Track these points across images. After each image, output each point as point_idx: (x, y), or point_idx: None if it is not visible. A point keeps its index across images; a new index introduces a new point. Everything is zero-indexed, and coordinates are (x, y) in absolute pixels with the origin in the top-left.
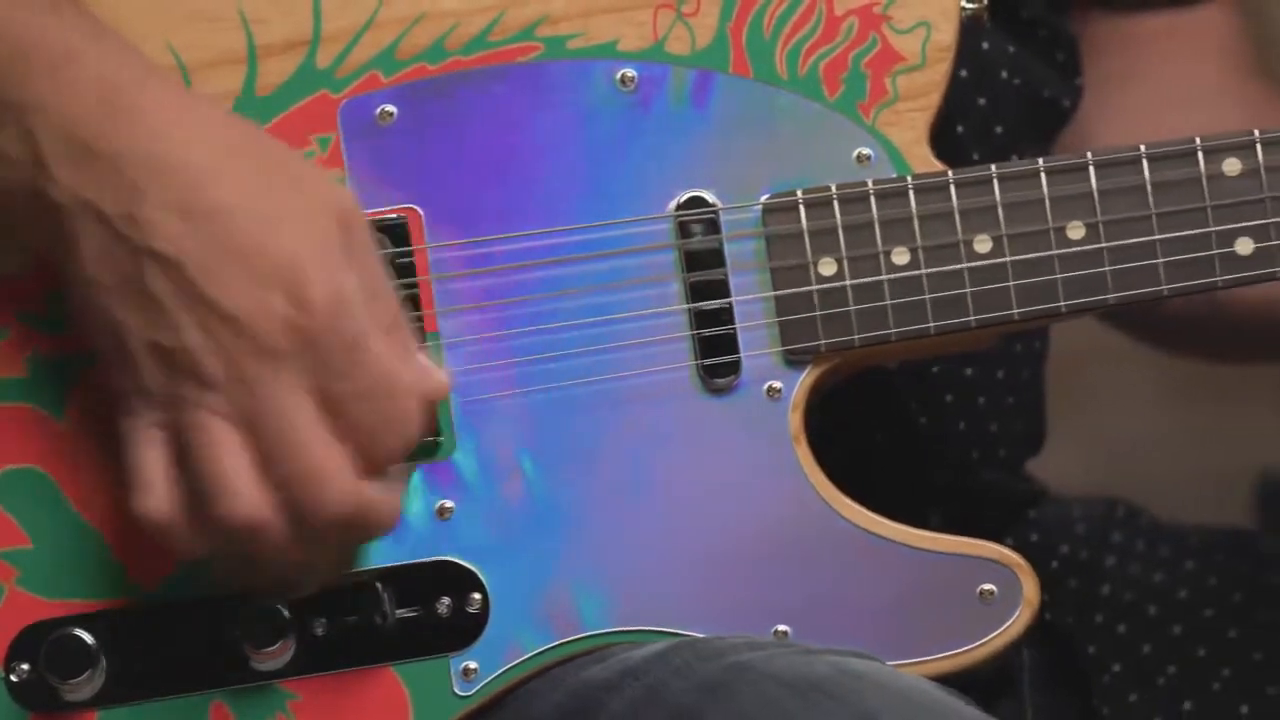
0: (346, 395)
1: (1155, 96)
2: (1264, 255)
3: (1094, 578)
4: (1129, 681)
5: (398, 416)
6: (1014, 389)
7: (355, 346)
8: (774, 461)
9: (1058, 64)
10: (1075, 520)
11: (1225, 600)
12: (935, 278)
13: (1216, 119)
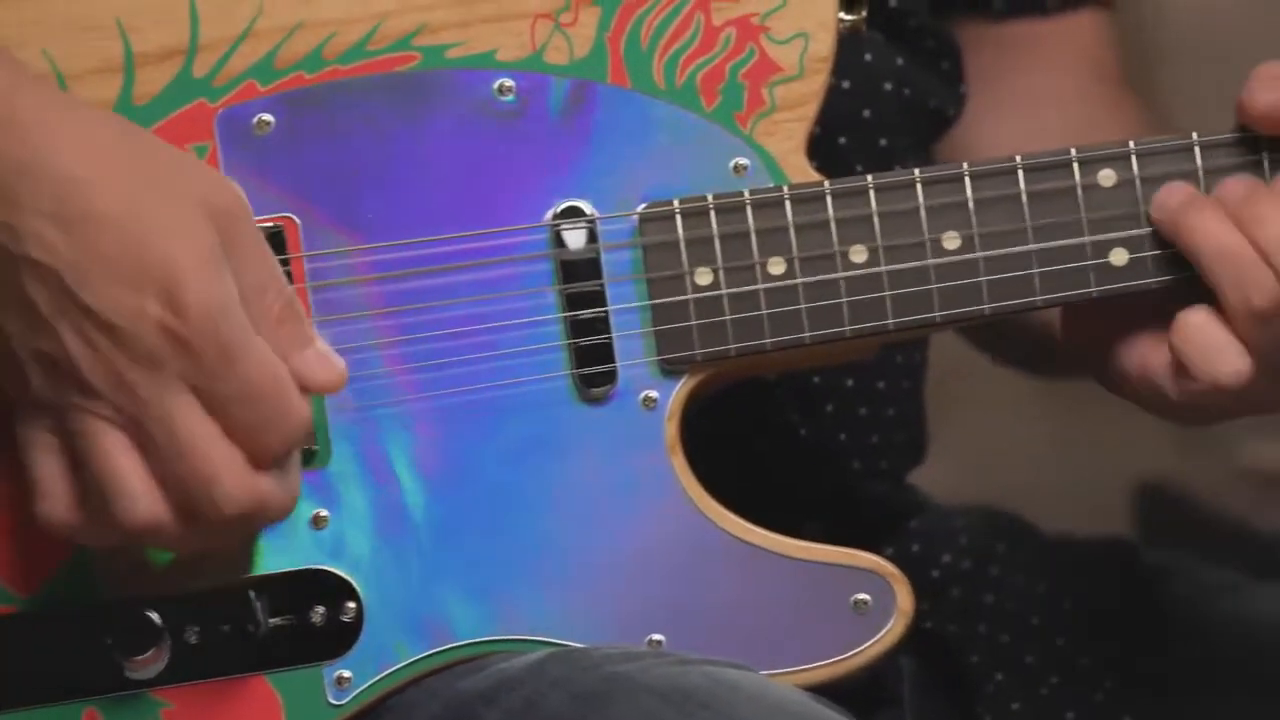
0: (228, 396)
1: (1032, 102)
2: (1138, 266)
3: (977, 587)
4: (1012, 691)
5: (282, 412)
6: (895, 400)
7: (233, 347)
8: (649, 471)
9: (943, 72)
10: (958, 531)
11: (1108, 612)
12: (811, 287)
13: (1081, 126)
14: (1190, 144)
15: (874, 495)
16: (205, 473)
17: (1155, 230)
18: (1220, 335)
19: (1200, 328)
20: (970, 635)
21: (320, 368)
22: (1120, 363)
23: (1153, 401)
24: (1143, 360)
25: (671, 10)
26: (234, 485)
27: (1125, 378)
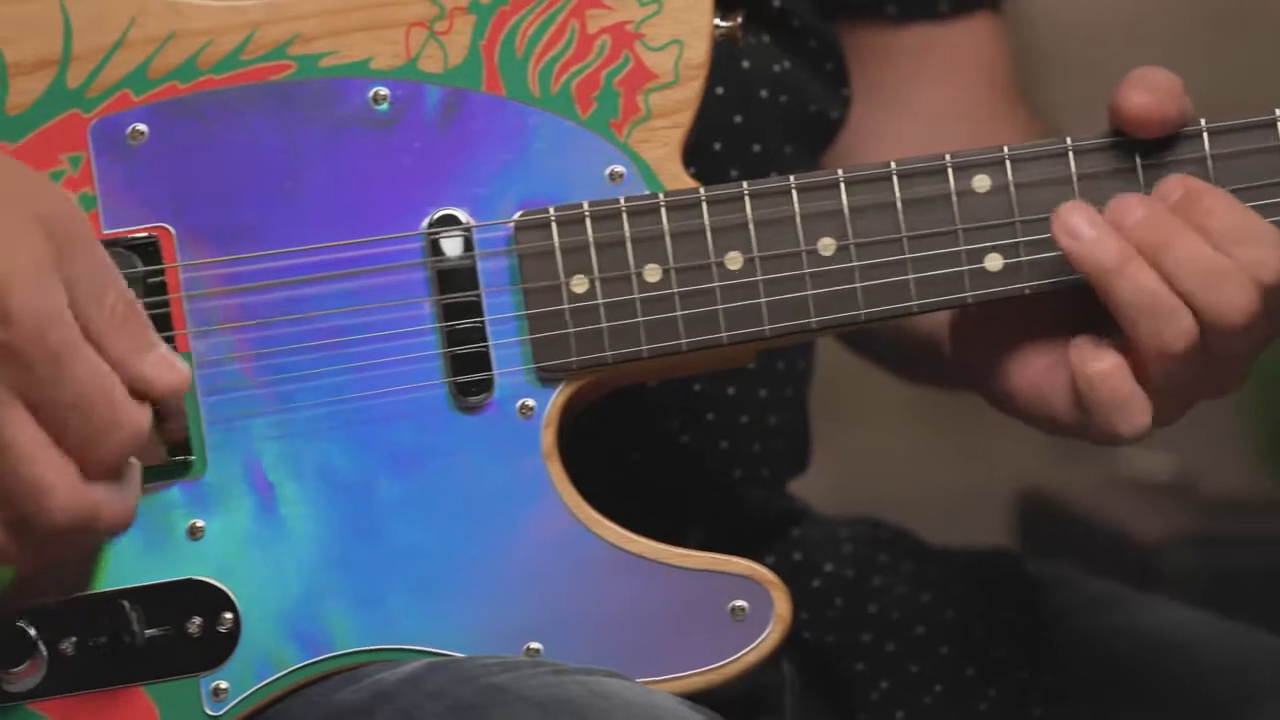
0: (59, 404)
1: (916, 109)
2: (1013, 271)
3: (861, 596)
4: (896, 699)
5: (115, 422)
6: (777, 408)
7: (62, 356)
8: (526, 479)
9: (826, 74)
10: (842, 540)
11: (992, 620)
12: (687, 295)
13: (972, 133)
14: (1064, 148)
15: (756, 503)
16: (35, 483)
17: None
18: (1127, 388)
19: (1108, 378)
20: (854, 644)
21: (163, 371)
22: (1010, 380)
23: (1039, 420)
24: (1036, 382)
25: (546, 18)
26: (65, 496)
27: (1014, 395)
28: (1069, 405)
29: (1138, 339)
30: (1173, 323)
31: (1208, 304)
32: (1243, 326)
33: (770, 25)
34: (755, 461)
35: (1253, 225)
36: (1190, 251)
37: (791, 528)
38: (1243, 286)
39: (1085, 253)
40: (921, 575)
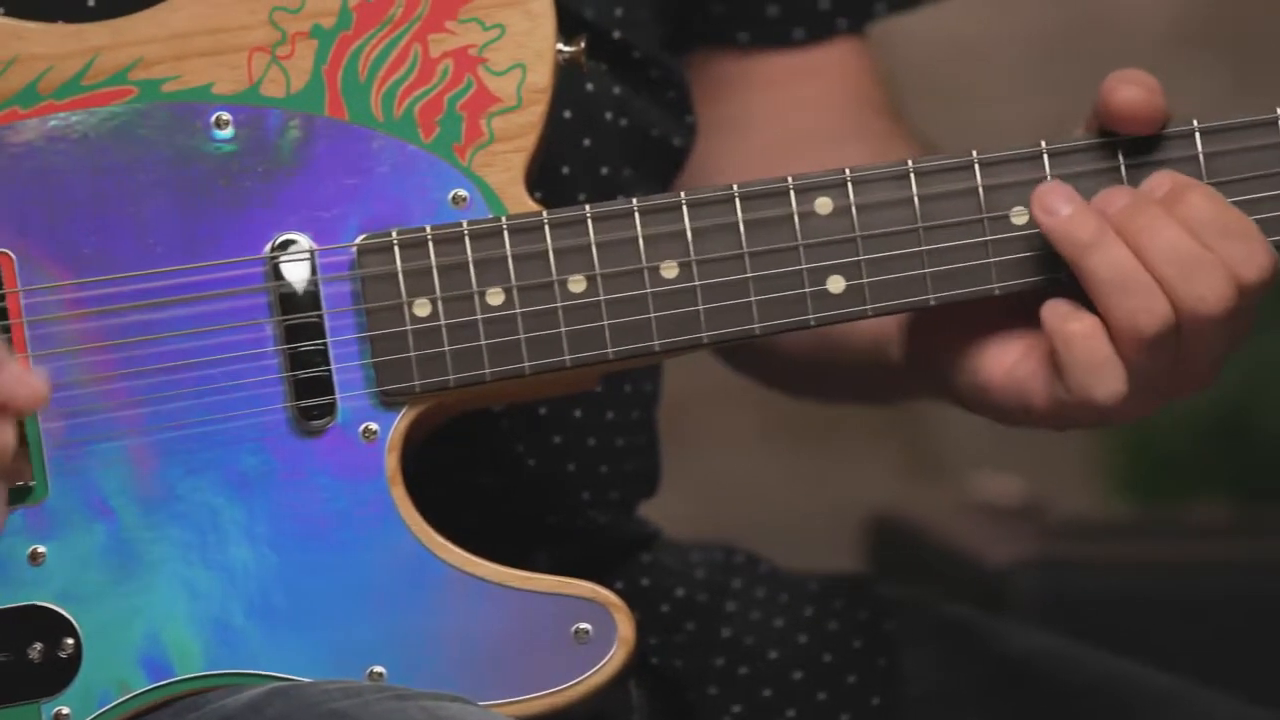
0: None
1: (776, 137)
2: (855, 293)
3: (714, 621)
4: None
5: None
6: (624, 431)
7: None
8: (370, 503)
9: (669, 102)
10: (694, 565)
11: (844, 646)
12: (530, 318)
13: (839, 157)
14: (906, 171)
15: (604, 527)
16: None
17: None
18: (1104, 351)
19: (1085, 339)
20: (707, 668)
21: (18, 387)
22: (983, 374)
23: (1013, 411)
24: (1010, 369)
25: (389, 42)
26: None
27: (989, 388)
28: (1045, 387)
29: (1112, 319)
30: (1147, 302)
31: (1185, 293)
32: (1218, 319)
33: (610, 56)
34: (603, 484)
35: (1235, 221)
36: (1170, 239)
37: (641, 552)
38: (1221, 279)
39: (1060, 228)
40: (774, 600)
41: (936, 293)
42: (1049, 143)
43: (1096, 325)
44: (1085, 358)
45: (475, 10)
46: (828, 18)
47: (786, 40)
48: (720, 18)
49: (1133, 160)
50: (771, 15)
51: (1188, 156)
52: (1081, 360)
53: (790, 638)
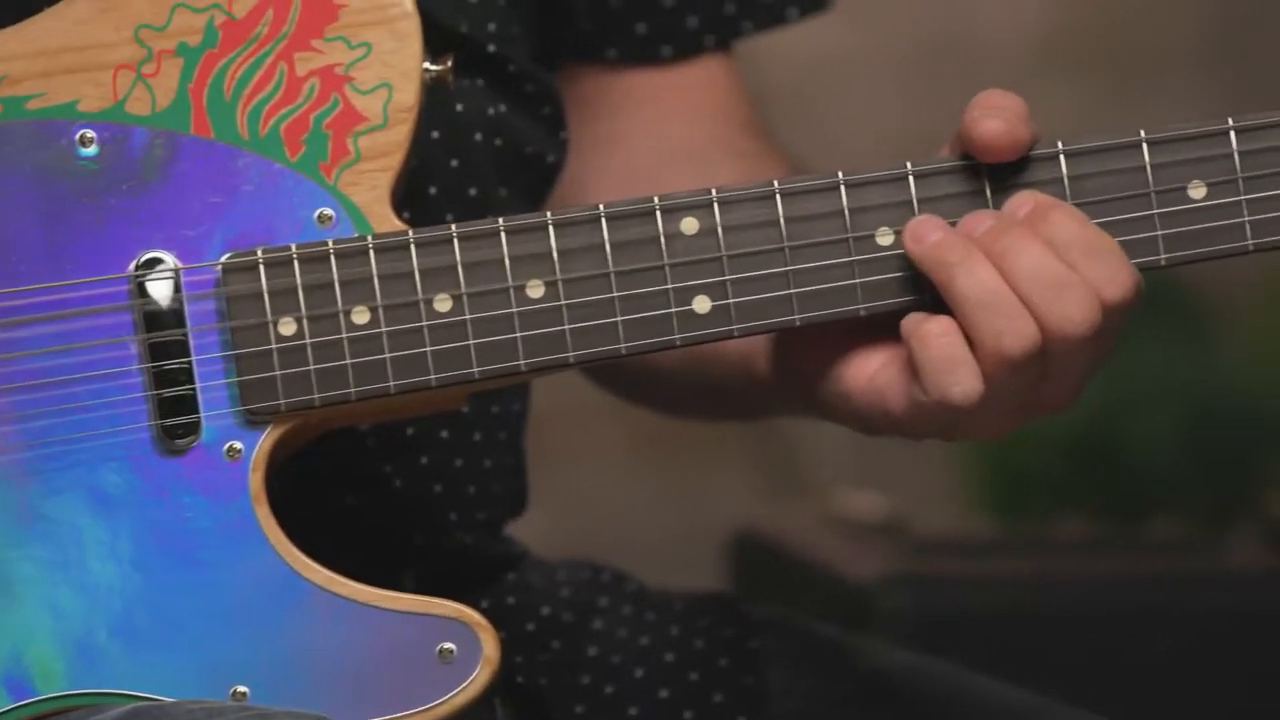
0: None
1: (646, 154)
2: (721, 313)
3: (580, 640)
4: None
5: None
6: (491, 451)
7: None
8: (234, 522)
9: (543, 118)
10: (560, 583)
11: (710, 665)
12: (395, 337)
13: (707, 174)
14: (772, 191)
15: (471, 546)
16: None
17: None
18: (959, 350)
19: (940, 337)
20: (574, 686)
21: None
22: (846, 382)
23: (875, 417)
24: (871, 376)
25: (254, 61)
26: None
27: (852, 396)
28: (904, 391)
29: (978, 339)
30: (1013, 323)
31: (1050, 314)
32: (1083, 339)
33: (485, 70)
34: (470, 504)
35: (1098, 240)
36: (1035, 260)
37: (508, 571)
38: (1085, 300)
39: (929, 254)
40: (641, 618)
41: (803, 313)
42: (914, 164)
43: (951, 325)
44: (940, 354)
45: (341, 29)
46: (695, 35)
47: (654, 57)
48: (589, 34)
49: (998, 182)
50: (640, 32)
51: (1053, 179)
52: (936, 358)
53: (657, 656)
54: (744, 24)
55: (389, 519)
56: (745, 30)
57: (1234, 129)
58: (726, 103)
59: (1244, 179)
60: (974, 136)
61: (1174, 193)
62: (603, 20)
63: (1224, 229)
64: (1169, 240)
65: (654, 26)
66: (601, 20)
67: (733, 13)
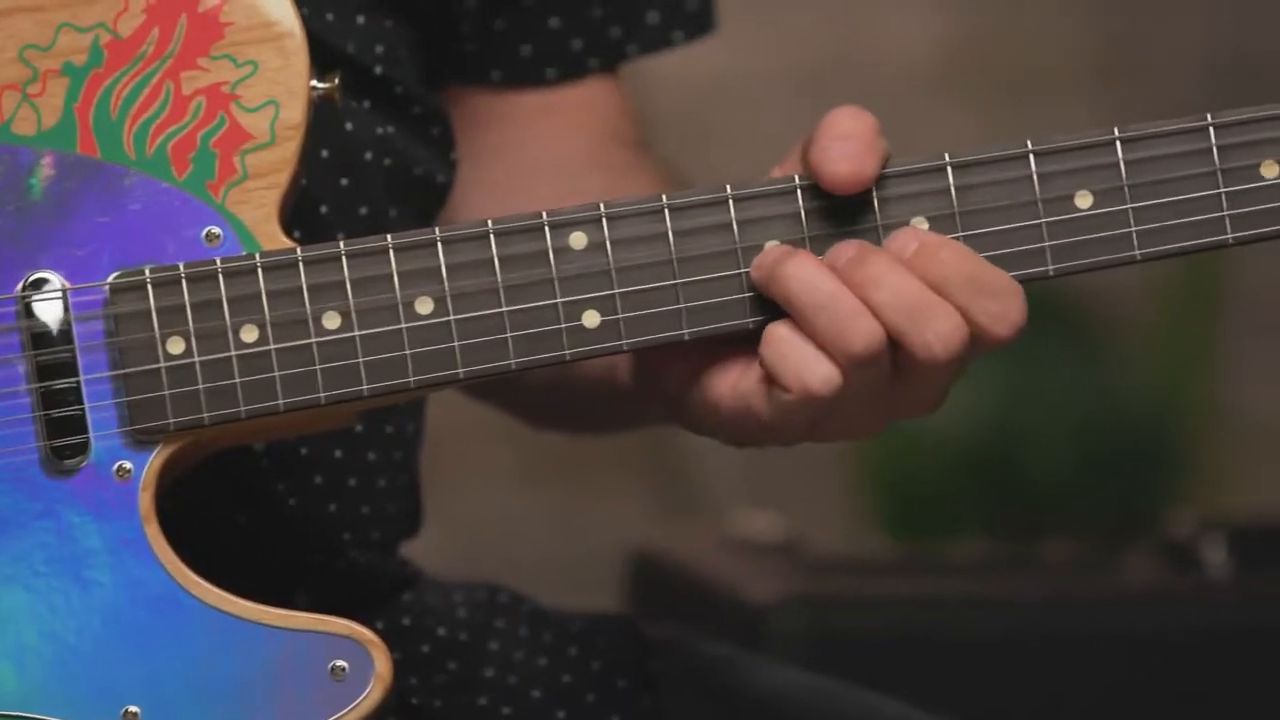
0: None
1: (528, 171)
2: (610, 328)
3: (476, 660)
4: None
5: None
6: (385, 471)
7: None
8: (124, 542)
9: (432, 139)
10: (457, 604)
11: (608, 685)
12: (285, 355)
13: (578, 188)
14: (660, 206)
15: (365, 566)
16: None
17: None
18: (809, 344)
19: (787, 337)
20: (470, 707)
21: None
22: (711, 392)
23: (742, 424)
24: (735, 383)
25: (141, 80)
26: None
27: (719, 404)
28: (765, 396)
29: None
30: (855, 321)
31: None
32: (949, 362)
33: (372, 91)
34: (364, 524)
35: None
36: (897, 289)
37: (403, 592)
38: (949, 328)
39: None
40: (538, 639)
41: (691, 327)
42: (801, 177)
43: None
44: (789, 350)
45: (227, 47)
46: (580, 58)
47: (539, 79)
48: (474, 56)
49: (883, 192)
50: (524, 55)
51: (940, 189)
52: (788, 354)
53: (554, 677)
54: (629, 47)
55: (282, 538)
56: (630, 53)
57: (1119, 139)
58: (608, 121)
59: (1130, 188)
60: (822, 176)
61: (1061, 202)
62: (488, 42)
63: (1111, 239)
64: (1056, 250)
65: (539, 49)
66: (486, 42)
67: (618, 36)
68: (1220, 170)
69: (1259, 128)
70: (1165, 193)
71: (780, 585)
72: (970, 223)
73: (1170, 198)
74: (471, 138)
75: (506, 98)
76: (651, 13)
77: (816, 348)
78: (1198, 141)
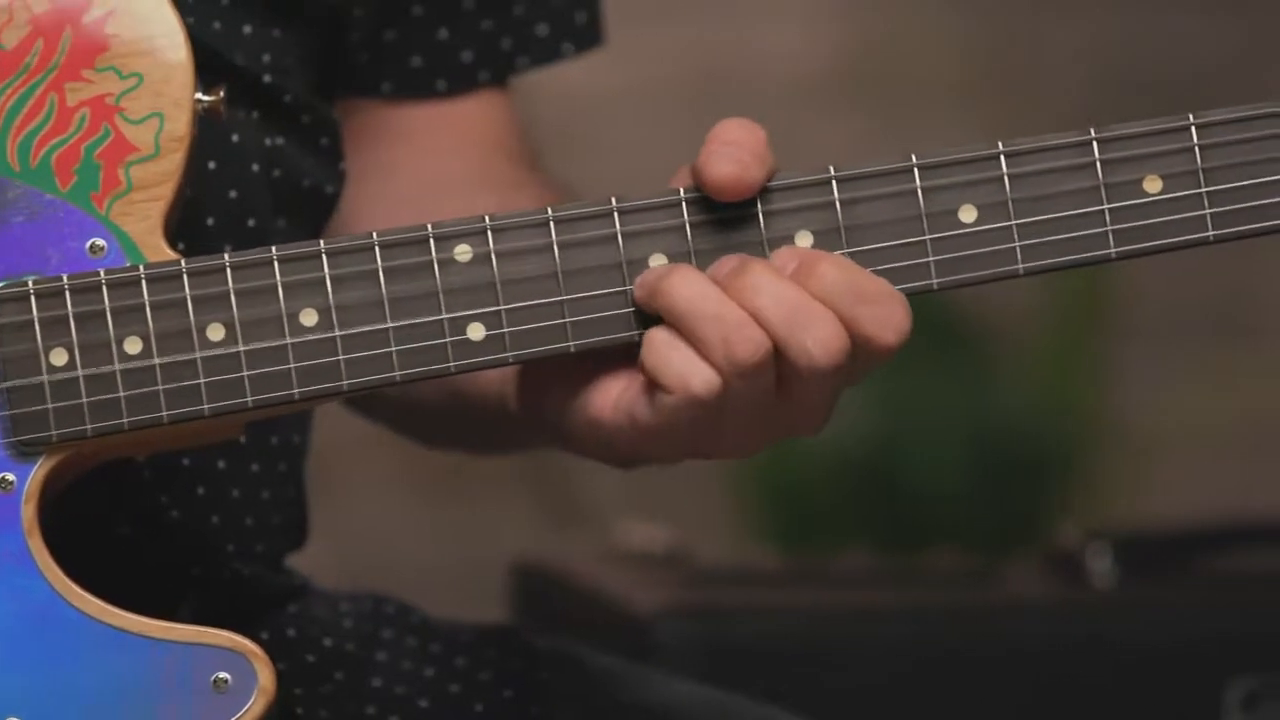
0: None
1: (418, 184)
2: (495, 341)
3: (363, 671)
4: None
5: None
6: (270, 482)
7: None
8: (6, 554)
9: (322, 149)
10: (343, 615)
11: (496, 696)
12: (168, 367)
13: (469, 204)
14: (545, 219)
15: (250, 578)
16: None
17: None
18: (689, 348)
19: (670, 341)
20: (358, 718)
21: None
22: (592, 409)
23: (626, 439)
24: (616, 398)
25: (25, 91)
26: None
27: (600, 421)
28: (649, 405)
29: (706, 351)
30: (740, 330)
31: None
32: (832, 370)
33: (260, 101)
34: (249, 536)
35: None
36: (776, 296)
37: (289, 603)
38: (830, 335)
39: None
40: (426, 650)
41: (577, 339)
42: (686, 190)
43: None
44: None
45: (112, 59)
46: (470, 70)
47: (429, 91)
48: (364, 68)
49: (768, 205)
50: (415, 66)
51: (825, 203)
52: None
53: (442, 688)
54: (520, 60)
55: (165, 550)
56: (521, 66)
57: (1004, 153)
58: (498, 135)
59: (1014, 202)
60: (705, 178)
61: (945, 217)
62: (378, 54)
63: (995, 253)
64: (941, 265)
65: (429, 61)
66: (376, 54)
67: (508, 48)
68: (1104, 185)
69: (1142, 142)
70: (1049, 208)
71: (666, 596)
72: (855, 237)
73: (1054, 213)
74: (363, 152)
75: (398, 110)
76: (541, 25)
77: (694, 354)
78: (1081, 156)
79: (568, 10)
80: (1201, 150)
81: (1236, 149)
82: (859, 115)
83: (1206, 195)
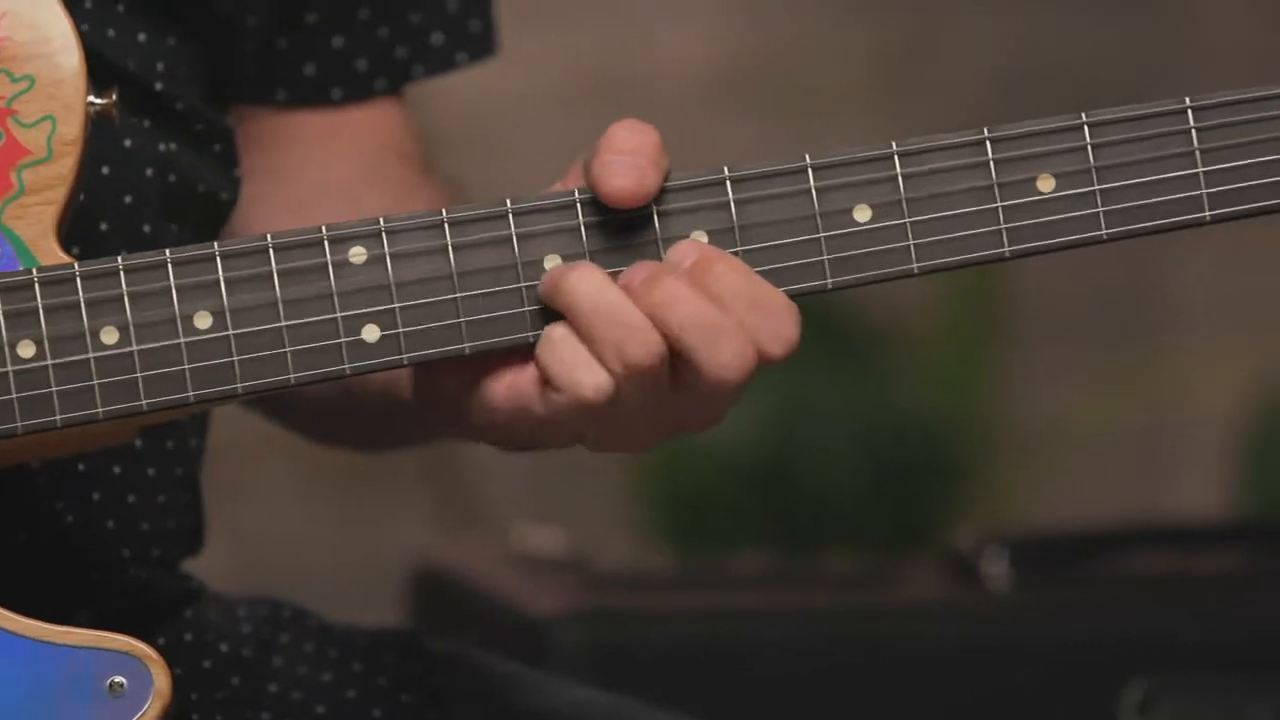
0: None
1: (311, 187)
2: (390, 342)
3: (259, 676)
4: None
5: None
6: (166, 487)
7: None
8: None
9: (215, 155)
10: (240, 620)
11: (393, 700)
12: (61, 370)
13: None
14: (439, 220)
15: (146, 583)
16: None
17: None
18: (583, 348)
19: (563, 340)
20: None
21: None
22: (488, 398)
23: (520, 428)
24: (510, 384)
25: None
26: None
27: (496, 409)
28: (540, 396)
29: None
30: (637, 333)
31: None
32: (738, 383)
33: (152, 108)
34: (144, 541)
35: (762, 293)
36: (689, 310)
37: (185, 608)
38: (741, 348)
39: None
40: (323, 655)
41: (472, 341)
42: (580, 191)
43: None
44: (563, 353)
45: (3, 62)
46: (366, 79)
47: (324, 99)
48: (258, 75)
49: (663, 206)
50: (309, 75)
51: (719, 203)
52: (562, 356)
53: (339, 692)
54: (415, 68)
55: (61, 556)
56: (416, 74)
57: (897, 153)
58: (393, 140)
59: (908, 202)
60: (602, 190)
61: (839, 216)
62: (271, 62)
63: (889, 253)
64: (835, 264)
65: (323, 69)
66: (270, 62)
67: (404, 56)
68: (997, 184)
69: (1035, 141)
70: (942, 206)
71: (563, 600)
72: (749, 237)
73: (948, 211)
74: (257, 156)
75: (292, 118)
76: (436, 34)
77: (587, 354)
78: (975, 155)
79: (462, 19)
80: (1094, 149)
81: (1129, 147)
82: (759, 119)
83: (1099, 193)
